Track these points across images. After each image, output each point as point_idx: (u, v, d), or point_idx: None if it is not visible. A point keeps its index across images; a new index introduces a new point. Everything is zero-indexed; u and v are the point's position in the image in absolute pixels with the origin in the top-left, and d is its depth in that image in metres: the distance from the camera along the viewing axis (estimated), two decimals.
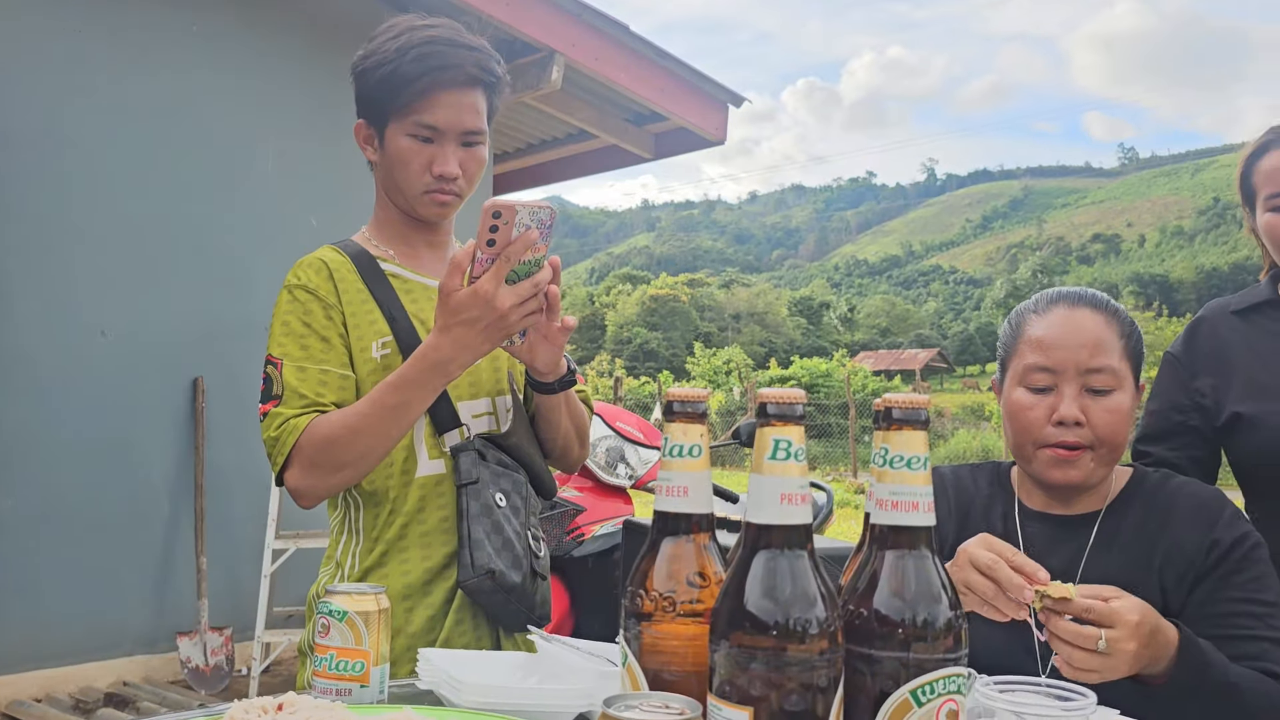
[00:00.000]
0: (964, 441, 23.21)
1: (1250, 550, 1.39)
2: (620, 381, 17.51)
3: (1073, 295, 1.51)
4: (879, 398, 0.84)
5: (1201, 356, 1.91)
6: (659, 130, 7.29)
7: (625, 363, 52.68)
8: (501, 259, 1.36)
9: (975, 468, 1.64)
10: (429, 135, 1.57)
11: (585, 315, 73.30)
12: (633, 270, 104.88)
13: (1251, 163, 1.89)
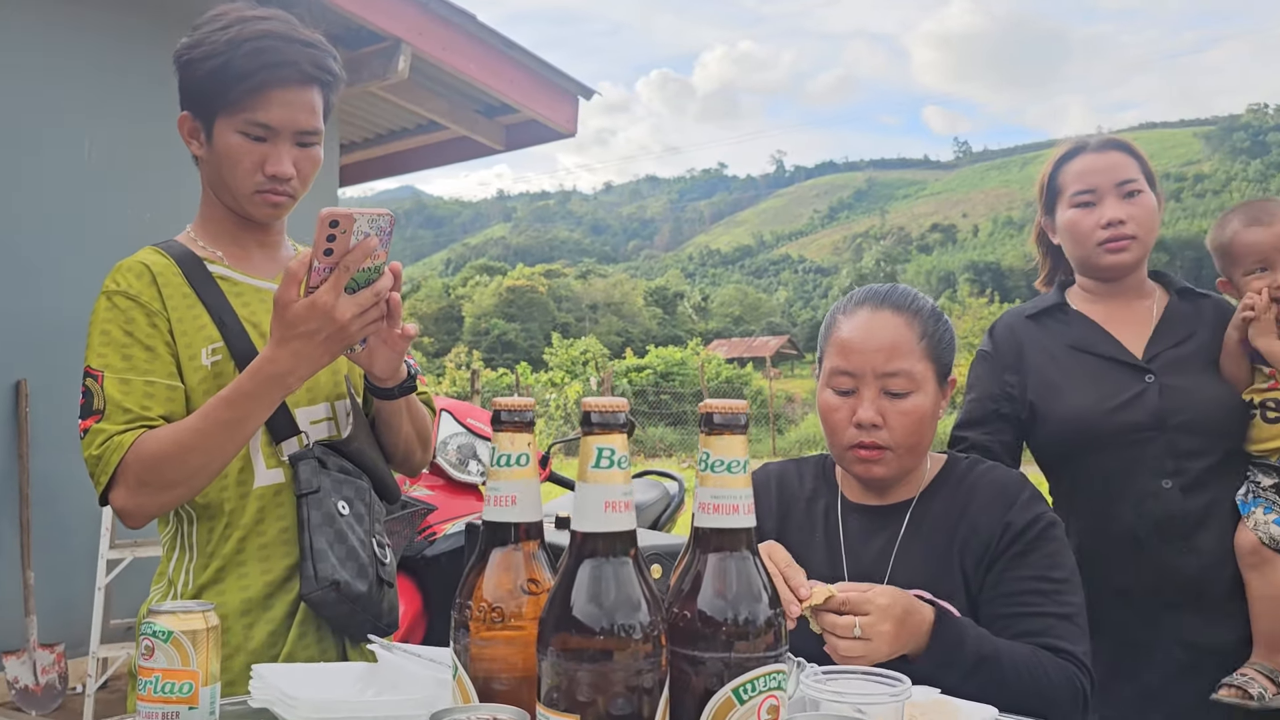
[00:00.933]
0: (813, 425, 23.92)
1: (1043, 530, 1.47)
2: (477, 374, 17.28)
3: (878, 296, 1.56)
4: (703, 404, 0.86)
5: (1005, 355, 2.05)
6: (510, 122, 7.23)
7: (483, 354, 52.03)
8: (340, 268, 1.33)
9: (802, 462, 1.70)
10: (261, 134, 1.51)
11: (441, 307, 72.04)
12: (489, 261, 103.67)
13: (1061, 165, 2.03)
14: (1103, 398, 1.91)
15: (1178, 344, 1.95)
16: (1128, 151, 2.02)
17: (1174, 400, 1.88)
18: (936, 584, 1.46)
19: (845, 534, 1.56)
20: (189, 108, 1.56)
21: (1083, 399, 1.92)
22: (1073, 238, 1.99)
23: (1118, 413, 1.89)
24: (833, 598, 1.25)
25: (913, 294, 1.58)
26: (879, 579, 1.49)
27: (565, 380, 29.07)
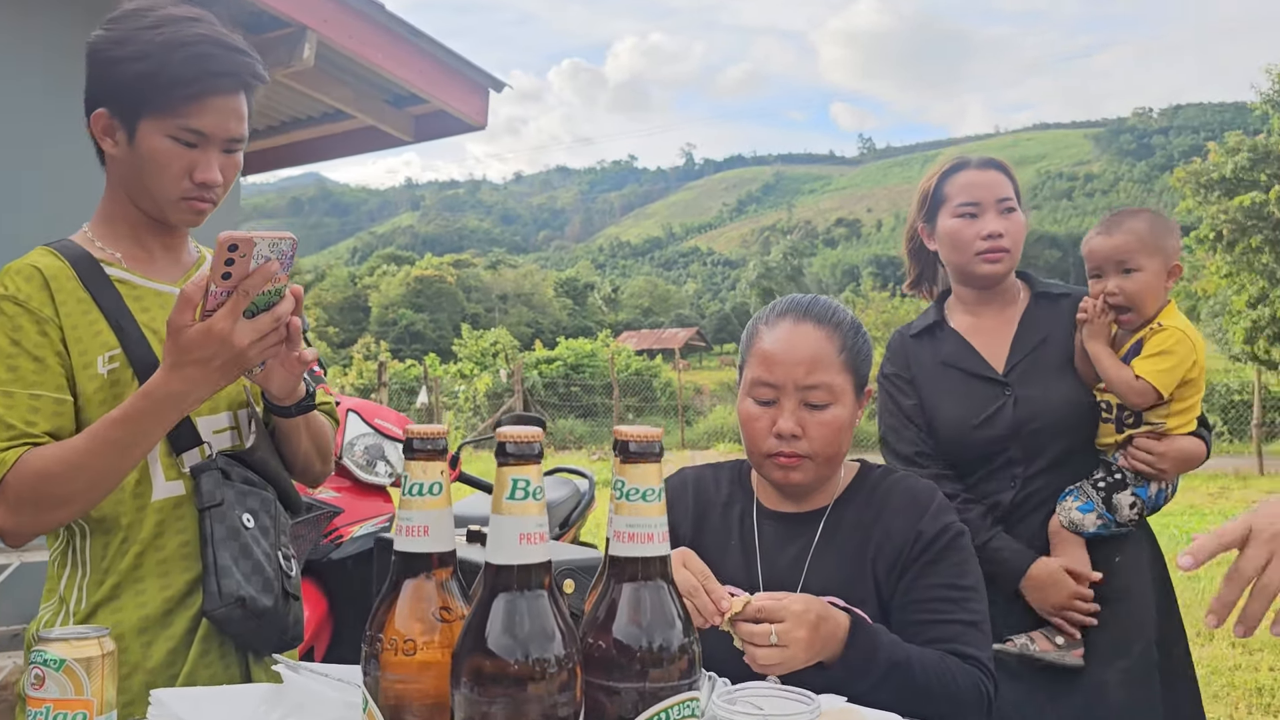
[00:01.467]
0: (721, 417, 24.17)
1: (952, 539, 1.52)
2: (385, 366, 16.99)
3: (800, 308, 1.58)
4: (617, 429, 0.86)
5: (901, 373, 2.18)
6: (419, 112, 7.12)
7: (391, 345, 51.25)
8: (239, 293, 1.30)
9: (718, 468, 1.71)
10: (193, 140, 1.47)
11: (347, 296, 70.64)
12: (397, 250, 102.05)
13: (946, 177, 2.15)
14: (969, 414, 2.06)
15: (1033, 350, 2.08)
16: (1004, 172, 2.14)
17: (1028, 410, 2.03)
18: (849, 590, 1.49)
19: (760, 540, 1.58)
20: (108, 105, 1.49)
21: (954, 415, 2.07)
22: (954, 245, 2.10)
23: (981, 428, 2.05)
24: (749, 605, 1.27)
25: (833, 307, 1.61)
26: (793, 585, 1.51)
27: (475, 372, 28.80)
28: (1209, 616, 1.09)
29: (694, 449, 20.63)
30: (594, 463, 16.73)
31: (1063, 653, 1.95)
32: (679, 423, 23.66)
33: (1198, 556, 1.09)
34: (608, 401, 23.77)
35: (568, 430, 23.96)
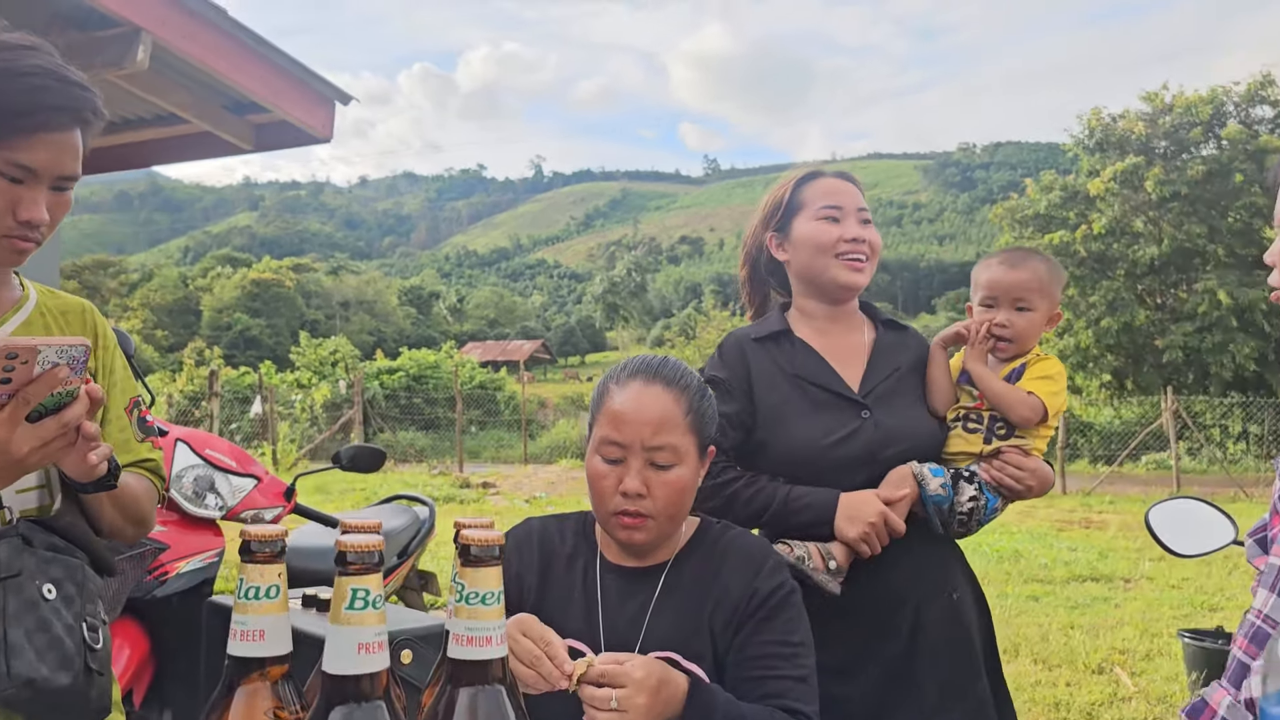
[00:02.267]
0: (564, 431, 24.19)
1: (785, 597, 1.58)
2: (217, 374, 16.23)
3: (650, 369, 1.61)
4: (459, 530, 0.88)
5: (736, 379, 2.03)
6: (261, 121, 6.89)
7: (224, 351, 49.04)
8: (19, 400, 1.26)
9: (563, 520, 1.73)
10: (20, 176, 1.39)
11: (177, 298, 67.27)
12: (233, 251, 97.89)
13: (802, 184, 2.11)
14: (824, 431, 1.97)
15: (888, 377, 2.06)
16: (858, 186, 2.13)
17: (887, 435, 1.99)
18: (687, 645, 1.54)
19: (603, 594, 1.61)
20: None
21: (806, 431, 1.98)
22: (816, 246, 2.03)
23: (836, 447, 1.96)
24: (592, 667, 1.31)
25: (682, 369, 1.64)
26: (633, 640, 1.56)
27: (313, 381, 27.86)
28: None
29: (537, 463, 20.58)
30: (434, 477, 16.47)
31: (829, 577, 1.92)
32: (522, 436, 23.54)
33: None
34: (450, 414, 23.43)
35: (409, 443, 23.49)
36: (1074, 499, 14.74)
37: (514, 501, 13.34)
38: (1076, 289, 22.54)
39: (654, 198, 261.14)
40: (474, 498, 13.53)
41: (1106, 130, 23.36)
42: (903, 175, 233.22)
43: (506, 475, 16.88)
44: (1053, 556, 8.96)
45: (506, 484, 15.50)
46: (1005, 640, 5.83)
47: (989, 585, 7.57)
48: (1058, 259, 14.81)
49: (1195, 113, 22.37)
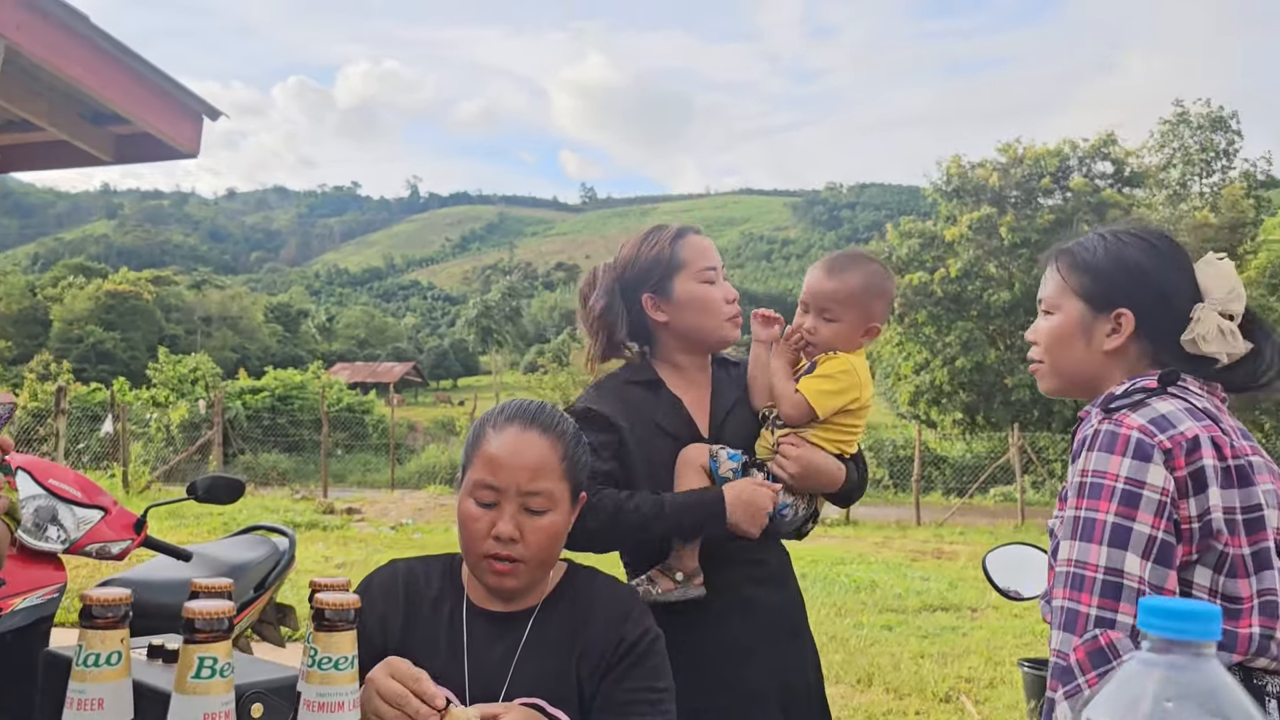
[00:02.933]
0: (434, 456, 23.85)
1: (651, 644, 1.60)
2: (65, 390, 15.38)
3: (527, 415, 1.62)
4: (317, 595, 0.89)
5: (610, 417, 2.05)
6: (123, 132, 6.66)
7: (74, 365, 46.50)
8: None
9: (429, 562, 1.72)
10: None
11: (24, 308, 63.53)
12: (87, 261, 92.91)
13: (677, 240, 2.12)
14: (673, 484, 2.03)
15: (729, 412, 2.14)
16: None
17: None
18: (553, 691, 1.53)
19: (469, 638, 1.60)
20: None
21: (664, 482, 2.01)
22: (705, 309, 2.08)
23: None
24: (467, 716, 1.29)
25: (558, 416, 1.66)
26: (499, 685, 1.56)
27: (170, 400, 26.72)
28: None
29: (404, 489, 20.21)
30: (297, 502, 16.00)
31: (685, 588, 1.95)
32: (390, 461, 23.09)
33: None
34: (316, 437, 22.79)
35: (271, 466, 22.75)
36: (928, 530, 15.32)
37: (379, 529, 13.07)
38: (933, 328, 23.58)
39: (531, 223, 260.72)
40: (338, 524, 13.20)
41: (964, 177, 24.57)
42: (773, 211, 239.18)
43: (372, 501, 16.53)
44: (906, 586, 9.30)
45: (372, 510, 15.17)
46: (860, 670, 6.03)
47: (846, 616, 7.83)
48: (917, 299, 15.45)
49: (1044, 165, 23.76)
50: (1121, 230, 1.73)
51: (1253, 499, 1.48)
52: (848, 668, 6.06)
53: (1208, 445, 1.48)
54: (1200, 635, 0.66)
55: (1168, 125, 30.15)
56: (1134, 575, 1.42)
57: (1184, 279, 1.64)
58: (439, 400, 61.73)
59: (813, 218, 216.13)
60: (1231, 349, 1.59)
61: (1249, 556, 1.46)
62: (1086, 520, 1.47)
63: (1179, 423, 1.49)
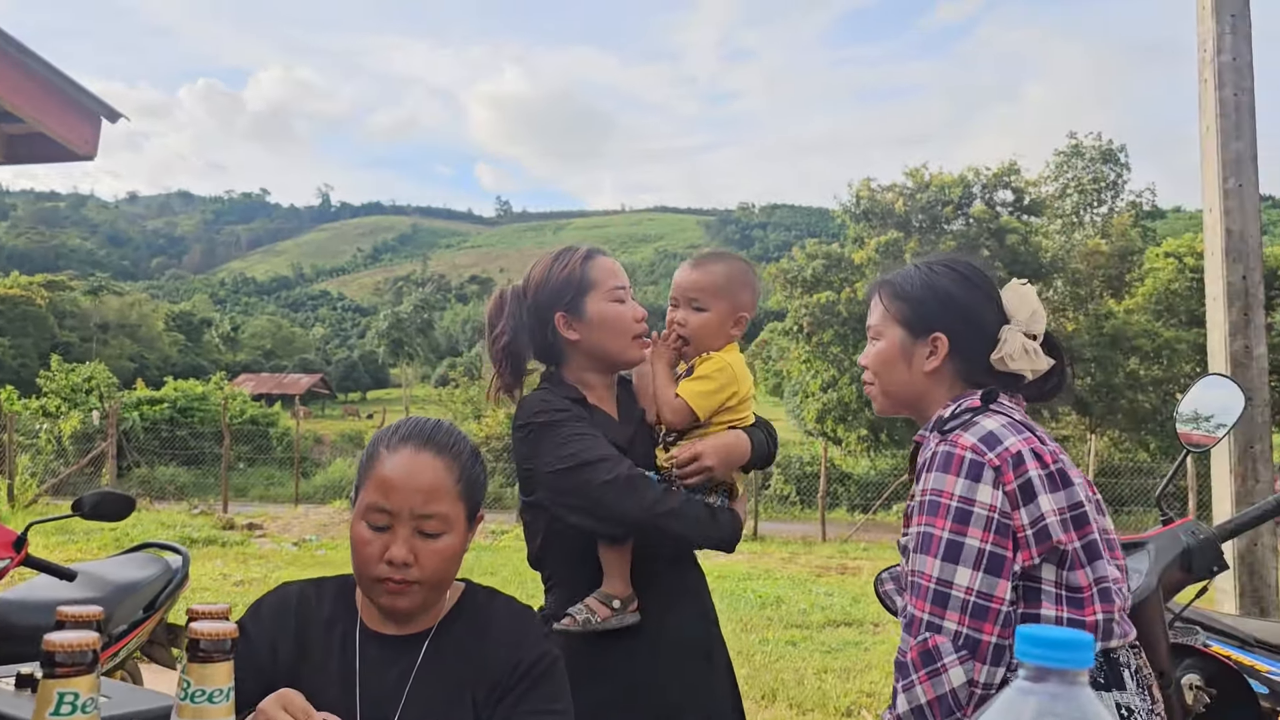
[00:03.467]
0: (341, 470, 23.33)
1: (549, 665, 1.57)
2: None
3: (422, 435, 1.59)
4: (192, 626, 0.86)
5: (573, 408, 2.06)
6: (15, 132, 6.41)
7: None
8: None
9: (322, 584, 1.67)
10: None
11: None
12: None
13: (587, 261, 2.12)
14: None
15: (636, 430, 2.14)
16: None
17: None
18: (448, 715, 1.52)
19: (362, 662, 1.56)
20: None
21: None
22: (618, 328, 2.09)
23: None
24: None
25: (455, 436, 1.62)
26: (393, 710, 1.52)
27: (62, 410, 25.70)
28: None
29: (309, 503, 19.76)
30: (195, 517, 15.52)
31: (621, 615, 1.95)
32: (294, 474, 22.55)
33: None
34: (217, 450, 22.16)
35: (168, 479, 22.03)
36: (832, 546, 15.56)
37: (282, 545, 12.74)
38: (840, 347, 24.03)
39: (445, 235, 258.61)
40: (238, 540, 12.83)
41: (873, 201, 25.15)
42: (687, 229, 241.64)
43: (275, 516, 16.11)
44: (811, 602, 9.42)
45: (275, 525, 14.78)
46: (764, 686, 6.08)
47: (751, 632, 7.90)
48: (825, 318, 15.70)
49: (948, 192, 24.45)
50: (935, 261, 1.88)
51: (1074, 497, 1.64)
52: (752, 683, 6.10)
53: (1030, 458, 1.63)
54: (1074, 664, 0.68)
55: (1062, 156, 31.39)
56: (962, 586, 1.58)
57: (990, 304, 1.81)
58: (347, 413, 60.55)
59: (725, 237, 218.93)
60: (1035, 366, 1.75)
61: (1080, 549, 1.62)
62: (925, 535, 1.63)
63: (1004, 438, 1.64)
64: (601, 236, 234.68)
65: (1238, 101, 4.63)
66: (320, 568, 10.58)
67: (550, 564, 2.10)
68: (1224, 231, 4.62)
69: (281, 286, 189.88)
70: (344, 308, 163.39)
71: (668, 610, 2.04)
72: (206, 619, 0.83)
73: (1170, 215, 77.64)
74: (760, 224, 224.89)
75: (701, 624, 2.13)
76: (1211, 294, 4.75)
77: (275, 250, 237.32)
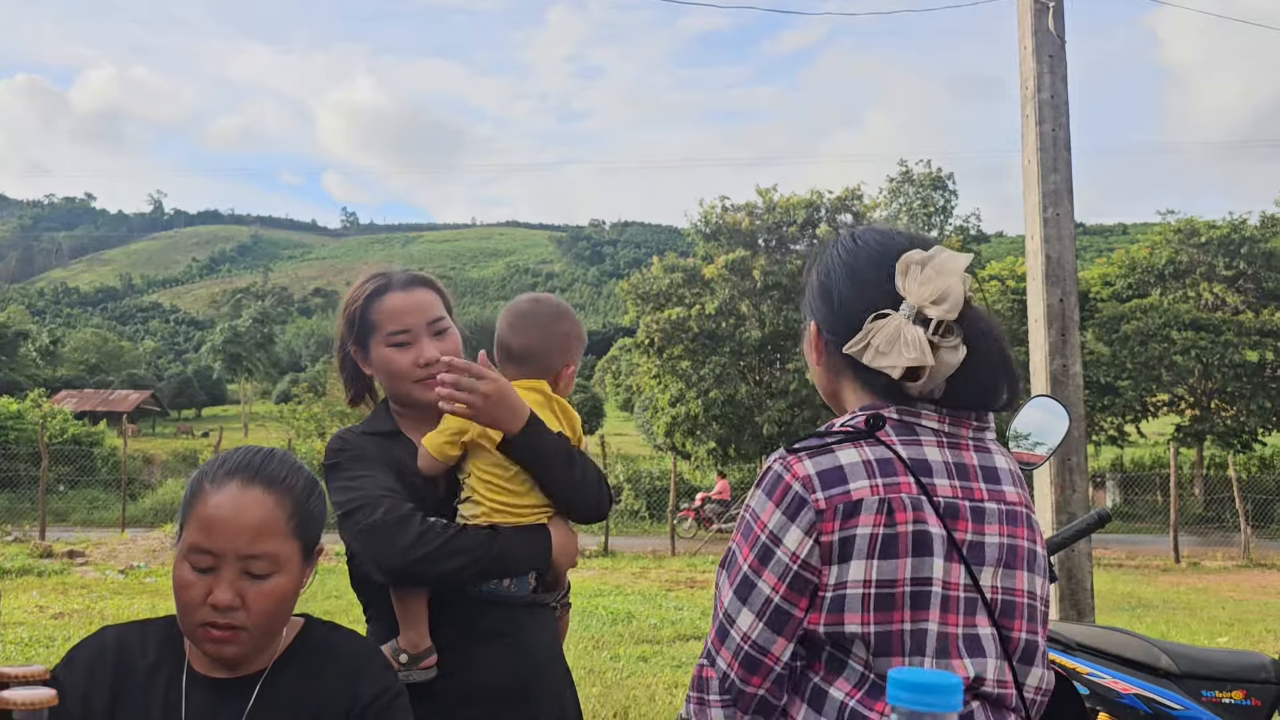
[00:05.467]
0: (173, 491, 22.24)
1: (392, 700, 1.51)
2: None
3: (250, 470, 1.49)
4: (1, 688, 0.79)
5: (363, 450, 1.98)
6: None
7: None
8: None
9: (147, 626, 1.57)
10: None
11: None
12: None
13: (371, 301, 2.03)
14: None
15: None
16: (432, 288, 2.07)
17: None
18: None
19: (188, 710, 1.46)
20: None
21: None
22: (390, 375, 2.01)
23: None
24: None
25: (288, 467, 1.52)
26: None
27: None
28: None
29: (137, 528, 18.72)
30: (8, 545, 14.47)
31: (408, 670, 1.84)
32: (121, 497, 21.34)
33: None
34: (34, 471, 20.76)
35: None
36: (681, 560, 15.77)
37: (106, 573, 12.00)
38: (689, 362, 24.46)
39: (288, 246, 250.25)
40: (57, 569, 12.02)
41: (721, 219, 25.74)
42: (539, 245, 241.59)
43: (99, 542, 15.17)
44: (661, 617, 9.52)
45: (99, 552, 13.91)
46: (616, 704, 6.09)
47: (603, 649, 7.91)
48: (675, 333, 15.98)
49: (793, 213, 25.28)
50: (835, 239, 1.62)
51: (903, 573, 1.35)
52: (604, 702, 6.11)
53: (874, 510, 1.35)
54: (943, 708, 0.69)
55: (894, 182, 32.94)
56: (741, 631, 1.40)
57: (873, 282, 1.46)
58: (180, 431, 57.67)
59: (576, 253, 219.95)
60: (921, 360, 1.37)
61: (875, 636, 1.36)
62: (732, 557, 1.45)
63: (851, 479, 1.37)
64: (452, 250, 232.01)
65: (1055, 136, 4.95)
66: (149, 597, 10.01)
67: (362, 596, 2.03)
68: (1044, 258, 4.93)
69: (108, 298, 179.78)
70: (177, 320, 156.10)
71: (473, 655, 1.94)
72: (20, 683, 0.76)
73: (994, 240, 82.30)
74: (611, 240, 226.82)
75: (516, 663, 1.96)
76: (1033, 316, 5.05)
77: (101, 259, 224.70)
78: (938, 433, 1.43)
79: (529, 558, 1.91)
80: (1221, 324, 24.68)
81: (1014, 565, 1.41)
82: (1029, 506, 1.48)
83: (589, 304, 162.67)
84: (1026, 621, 1.41)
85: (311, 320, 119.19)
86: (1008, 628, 1.40)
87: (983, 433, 1.46)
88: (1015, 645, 1.40)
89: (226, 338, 69.86)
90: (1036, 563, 1.44)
